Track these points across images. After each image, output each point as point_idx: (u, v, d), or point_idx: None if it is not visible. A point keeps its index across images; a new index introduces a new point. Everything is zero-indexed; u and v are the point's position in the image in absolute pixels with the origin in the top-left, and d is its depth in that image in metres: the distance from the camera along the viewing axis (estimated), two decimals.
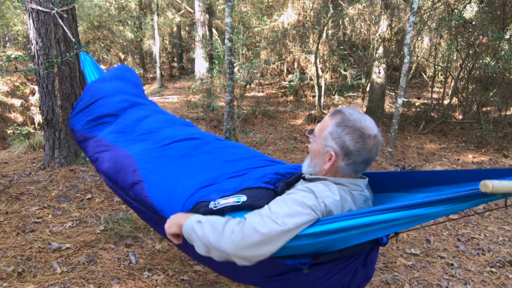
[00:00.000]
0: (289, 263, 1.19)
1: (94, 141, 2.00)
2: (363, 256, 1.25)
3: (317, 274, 1.22)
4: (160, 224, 1.51)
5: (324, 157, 1.22)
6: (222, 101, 7.36)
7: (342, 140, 1.17)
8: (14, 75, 8.64)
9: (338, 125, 1.19)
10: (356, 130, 1.16)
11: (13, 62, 6.85)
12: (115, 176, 1.72)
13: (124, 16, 12.41)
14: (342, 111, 1.22)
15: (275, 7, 8.63)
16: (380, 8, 7.25)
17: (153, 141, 1.86)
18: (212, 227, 1.09)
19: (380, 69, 7.39)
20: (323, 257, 1.18)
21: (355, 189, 1.22)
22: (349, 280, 1.25)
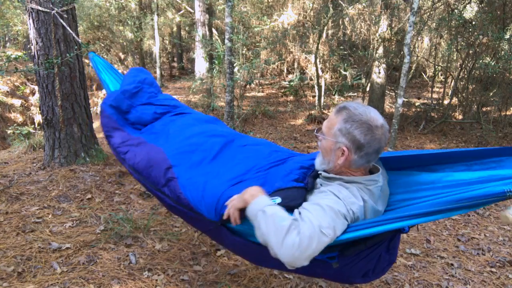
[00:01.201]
0: (317, 258, 1.23)
1: (123, 133, 2.06)
2: (386, 243, 1.31)
3: (343, 262, 1.28)
4: (192, 219, 1.58)
5: (337, 153, 1.27)
6: (222, 101, 7.35)
7: (352, 135, 1.22)
8: (14, 75, 8.64)
9: (346, 121, 1.23)
10: (363, 124, 1.21)
11: (13, 62, 6.85)
12: (148, 171, 1.74)
13: (124, 16, 12.40)
14: (347, 107, 1.26)
15: (275, 7, 8.63)
16: (380, 8, 7.25)
17: (183, 139, 1.90)
18: (275, 229, 1.10)
19: (380, 69, 7.39)
20: (349, 250, 1.25)
21: (370, 184, 1.27)
22: (374, 265, 1.33)
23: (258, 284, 2.16)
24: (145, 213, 2.93)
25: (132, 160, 1.85)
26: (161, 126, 2.11)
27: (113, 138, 2.06)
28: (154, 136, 2.01)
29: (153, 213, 2.90)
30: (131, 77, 2.49)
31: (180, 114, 2.28)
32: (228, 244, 1.53)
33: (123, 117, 2.22)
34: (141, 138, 2.00)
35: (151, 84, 2.51)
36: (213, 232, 1.53)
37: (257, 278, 2.21)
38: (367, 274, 1.36)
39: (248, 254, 1.51)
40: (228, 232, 1.41)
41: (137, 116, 2.24)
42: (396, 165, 1.45)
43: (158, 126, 2.13)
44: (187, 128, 1.99)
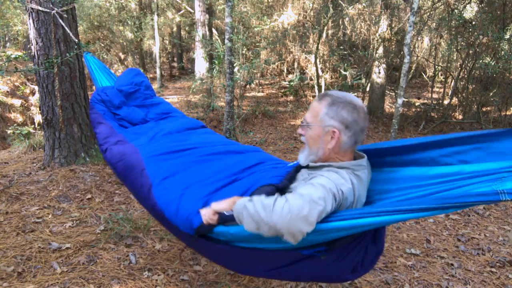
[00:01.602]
0: (305, 253, 1.26)
1: (106, 127, 2.07)
2: (371, 233, 1.32)
3: (330, 258, 1.28)
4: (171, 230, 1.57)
5: (326, 138, 1.29)
6: (222, 101, 7.35)
7: (340, 115, 1.27)
8: (14, 75, 8.64)
9: (332, 104, 1.29)
10: (348, 104, 1.28)
11: (13, 62, 6.85)
12: (125, 173, 1.74)
13: (124, 16, 12.40)
14: (328, 93, 1.33)
15: (275, 7, 8.64)
16: (380, 8, 7.25)
17: (162, 144, 1.91)
18: (263, 205, 1.11)
19: (380, 69, 7.39)
20: (337, 243, 1.25)
21: (358, 169, 1.30)
22: (362, 257, 1.33)
23: (258, 284, 2.16)
24: (145, 213, 2.93)
25: (111, 159, 1.85)
26: (146, 129, 2.13)
27: (97, 134, 2.08)
28: (136, 137, 2.01)
29: None
30: (129, 78, 2.50)
31: (169, 119, 2.30)
32: (210, 254, 1.49)
33: (112, 111, 2.24)
34: (122, 136, 2.00)
35: (148, 87, 2.54)
36: (193, 246, 1.50)
37: (257, 278, 2.21)
38: (356, 269, 1.35)
39: (232, 261, 1.46)
40: (208, 242, 1.37)
41: (128, 112, 2.26)
42: (379, 158, 1.45)
43: (143, 128, 2.15)
44: (170, 136, 2.01)
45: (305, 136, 1.36)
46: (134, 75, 2.54)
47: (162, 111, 2.39)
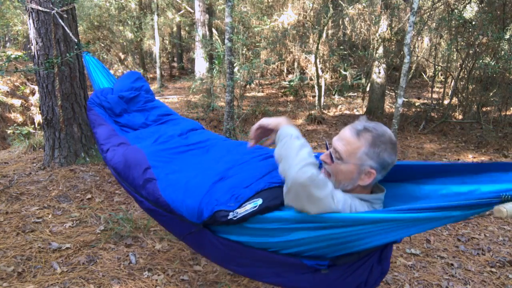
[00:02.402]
0: (307, 263, 1.23)
1: (108, 128, 2.06)
2: (377, 253, 1.29)
3: (333, 275, 1.25)
4: (172, 223, 1.53)
5: (361, 175, 1.23)
6: (222, 101, 7.35)
7: (381, 157, 1.21)
8: (14, 75, 8.64)
9: (373, 144, 1.21)
10: (389, 143, 1.22)
11: (13, 62, 6.85)
12: (126, 172, 1.72)
13: (124, 16, 12.40)
14: (369, 129, 1.24)
15: (275, 7, 8.64)
16: (380, 8, 7.25)
17: (165, 145, 1.91)
18: (302, 153, 1.13)
19: (380, 69, 7.39)
20: (341, 260, 1.21)
21: (376, 202, 1.28)
22: (366, 277, 1.29)
23: (258, 284, 2.16)
24: (145, 213, 2.93)
25: (112, 159, 1.83)
26: (149, 133, 2.12)
27: (97, 134, 2.06)
28: (138, 140, 2.00)
29: None
30: (129, 82, 2.47)
31: (169, 122, 2.30)
32: (209, 250, 1.45)
33: (113, 119, 2.23)
34: (125, 139, 1.99)
35: (148, 91, 2.53)
36: (194, 236, 1.46)
37: None
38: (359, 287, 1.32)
39: (231, 260, 1.41)
40: (211, 234, 1.36)
41: (128, 119, 2.26)
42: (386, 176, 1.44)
43: (145, 133, 2.14)
44: (173, 138, 2.01)
45: (332, 167, 1.26)
46: (135, 80, 2.52)
47: (163, 113, 2.39)
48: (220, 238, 1.35)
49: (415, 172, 1.36)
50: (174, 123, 2.31)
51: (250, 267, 1.38)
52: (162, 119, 2.34)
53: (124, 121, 2.25)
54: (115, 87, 2.47)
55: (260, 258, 1.31)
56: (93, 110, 2.20)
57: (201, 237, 1.42)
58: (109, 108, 2.24)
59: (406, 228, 1.10)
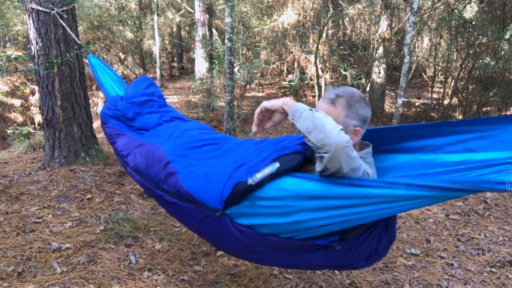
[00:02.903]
0: (319, 243, 1.30)
1: (125, 137, 2.08)
2: (383, 222, 1.37)
3: (344, 248, 1.33)
4: (192, 214, 1.55)
5: (350, 136, 1.31)
6: (222, 101, 7.35)
7: (360, 114, 1.34)
8: (14, 75, 8.64)
9: (349, 105, 1.33)
10: (362, 101, 1.35)
11: (13, 62, 6.86)
12: (148, 170, 1.75)
13: (124, 16, 12.40)
14: (339, 94, 1.35)
15: (275, 7, 8.63)
16: (380, 8, 7.25)
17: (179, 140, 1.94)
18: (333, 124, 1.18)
19: (380, 69, 7.39)
20: (350, 233, 1.29)
21: (368, 156, 1.39)
22: (376, 245, 1.38)
23: (258, 284, 2.16)
24: (145, 213, 2.93)
25: (133, 161, 1.87)
26: (162, 130, 2.15)
27: (116, 144, 2.09)
28: (154, 138, 2.04)
29: (153, 213, 2.91)
30: (142, 88, 2.45)
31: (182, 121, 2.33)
32: (225, 239, 1.48)
33: (126, 124, 2.23)
34: (141, 141, 2.03)
35: (161, 96, 2.53)
36: (212, 224, 1.48)
37: (257, 278, 2.21)
38: (370, 256, 1.39)
39: (249, 250, 1.46)
40: (229, 221, 1.40)
41: (142, 122, 2.27)
42: (380, 143, 1.52)
43: (159, 130, 2.16)
44: (186, 132, 2.04)
45: None
46: (147, 86, 2.50)
47: (176, 116, 2.40)
48: (237, 225, 1.38)
49: (409, 137, 1.46)
50: (186, 123, 2.34)
51: (265, 254, 1.42)
52: (175, 121, 2.36)
53: (139, 124, 2.25)
54: (126, 94, 2.45)
55: (274, 245, 1.35)
56: (108, 123, 2.19)
57: (219, 224, 1.44)
58: (121, 115, 2.23)
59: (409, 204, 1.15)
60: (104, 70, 2.79)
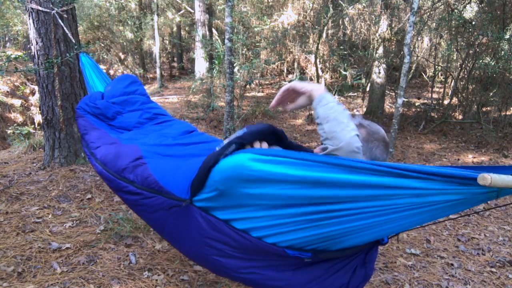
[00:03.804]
0: (290, 253, 1.19)
1: (100, 132, 2.04)
2: (362, 255, 1.27)
3: (314, 273, 1.22)
4: (156, 207, 1.48)
5: None
6: (222, 101, 7.35)
7: (373, 153, 1.29)
8: (14, 75, 8.64)
9: (366, 140, 1.29)
10: (382, 142, 1.30)
11: (13, 62, 6.86)
12: (115, 162, 1.69)
13: (124, 16, 12.40)
14: (363, 125, 1.31)
15: (275, 7, 8.64)
16: (380, 8, 7.25)
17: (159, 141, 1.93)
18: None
19: (380, 69, 7.39)
20: (323, 254, 1.19)
21: None
22: (348, 279, 1.25)
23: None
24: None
25: (101, 153, 1.81)
26: (142, 134, 2.11)
27: (88, 135, 2.03)
28: (131, 141, 1.99)
29: None
30: (122, 87, 2.41)
31: (163, 123, 2.28)
32: (191, 235, 1.36)
33: (106, 123, 2.20)
34: (117, 140, 1.97)
35: (143, 94, 2.48)
36: (178, 218, 1.39)
37: None
38: None
39: (211, 246, 1.30)
40: (196, 211, 1.30)
41: (122, 121, 2.23)
42: None
43: (138, 133, 2.12)
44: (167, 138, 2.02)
45: None
46: (128, 84, 2.45)
47: (158, 112, 2.36)
48: (205, 214, 1.28)
49: None
50: (168, 124, 2.28)
51: (229, 258, 1.28)
52: (157, 117, 2.30)
53: (118, 124, 2.22)
54: (106, 92, 2.42)
55: (243, 244, 1.23)
56: (84, 117, 2.16)
57: (186, 216, 1.35)
58: (99, 113, 2.20)
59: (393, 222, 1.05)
60: (91, 67, 2.82)
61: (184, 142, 1.94)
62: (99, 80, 2.79)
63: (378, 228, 1.10)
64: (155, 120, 2.30)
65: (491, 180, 0.83)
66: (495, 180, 0.83)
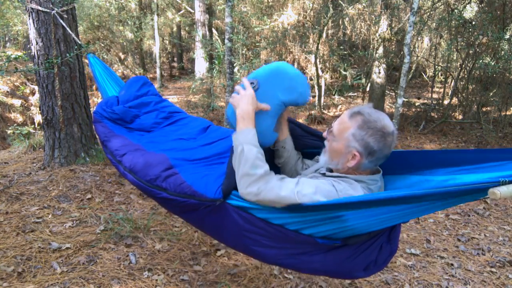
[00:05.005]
0: (320, 242, 1.28)
1: (122, 138, 2.04)
2: (387, 233, 1.35)
3: (344, 254, 1.31)
4: (191, 208, 1.54)
5: (347, 156, 1.29)
6: (222, 101, 7.35)
7: (365, 141, 1.25)
8: (14, 75, 8.64)
9: (361, 127, 1.26)
10: (378, 131, 1.25)
11: (13, 62, 6.86)
12: (145, 171, 1.72)
13: (124, 16, 12.40)
14: (362, 112, 1.28)
15: (275, 7, 8.63)
16: (380, 8, 7.24)
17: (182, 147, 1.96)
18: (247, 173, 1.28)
19: (380, 69, 7.39)
20: (352, 240, 1.28)
21: (372, 183, 1.32)
22: (376, 256, 1.35)
23: (258, 284, 2.16)
24: (145, 213, 2.93)
25: (129, 161, 1.83)
26: (162, 137, 2.13)
27: (110, 142, 2.05)
28: (153, 145, 2.01)
29: (153, 213, 2.90)
30: (134, 91, 2.45)
31: (179, 121, 2.31)
32: (228, 229, 1.45)
33: (124, 126, 2.22)
34: (140, 146, 1.99)
35: (155, 94, 2.52)
36: (213, 216, 1.47)
37: (257, 278, 2.21)
38: (369, 267, 1.36)
39: (248, 238, 1.40)
40: (231, 208, 1.38)
41: (140, 123, 2.26)
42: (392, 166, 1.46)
43: (158, 136, 2.14)
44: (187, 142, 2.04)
45: (328, 143, 1.36)
46: (140, 87, 2.49)
47: (173, 111, 2.40)
48: (239, 210, 1.37)
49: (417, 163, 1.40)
50: (184, 123, 2.31)
51: (264, 248, 1.38)
52: (173, 116, 2.34)
53: (136, 126, 2.25)
54: (120, 97, 2.45)
55: (277, 236, 1.33)
56: (102, 123, 2.18)
57: (221, 213, 1.44)
58: (118, 119, 2.23)
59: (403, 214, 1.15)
60: (103, 70, 2.81)
61: (205, 143, 1.96)
62: (110, 81, 2.78)
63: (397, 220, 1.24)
64: (170, 119, 2.33)
65: (501, 195, 0.89)
66: (505, 193, 0.89)
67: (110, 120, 2.21)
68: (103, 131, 2.13)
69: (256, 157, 1.28)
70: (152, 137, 2.14)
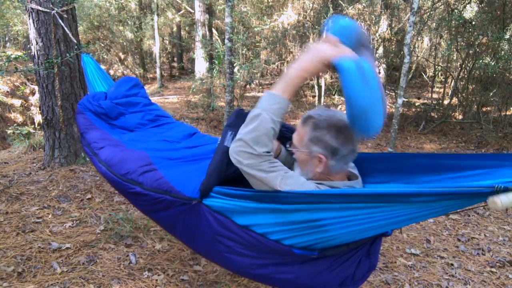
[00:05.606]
0: (296, 252, 1.21)
1: (101, 132, 2.01)
2: (366, 247, 1.29)
3: (321, 266, 1.25)
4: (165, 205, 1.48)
5: (314, 162, 1.26)
6: (222, 101, 7.35)
7: (324, 142, 1.22)
8: (14, 75, 8.64)
9: (314, 129, 1.24)
10: (331, 128, 1.22)
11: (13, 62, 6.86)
12: (121, 165, 1.66)
13: (124, 16, 12.40)
14: (312, 115, 1.27)
15: (275, 7, 8.63)
16: (380, 8, 7.25)
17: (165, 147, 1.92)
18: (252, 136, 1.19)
19: (380, 69, 7.39)
20: (330, 251, 1.21)
21: None
22: (353, 270, 1.29)
23: (258, 284, 2.16)
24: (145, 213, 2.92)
25: (106, 155, 1.78)
26: (144, 136, 2.10)
27: (88, 134, 2.00)
28: (134, 143, 1.96)
29: None
30: (124, 90, 2.42)
31: (164, 125, 2.29)
32: (202, 232, 1.38)
33: (107, 122, 2.19)
34: (120, 142, 1.95)
35: (144, 97, 2.50)
36: (188, 216, 1.41)
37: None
38: (345, 282, 1.30)
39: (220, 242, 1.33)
40: (205, 209, 1.32)
41: (124, 121, 2.23)
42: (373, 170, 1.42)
43: (140, 136, 2.11)
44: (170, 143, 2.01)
45: (295, 156, 1.33)
46: (130, 87, 2.46)
47: (161, 114, 2.38)
48: (215, 213, 1.31)
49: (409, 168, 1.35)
50: (170, 127, 2.28)
51: (238, 255, 1.31)
52: (159, 119, 2.31)
53: (120, 123, 2.22)
54: (109, 93, 2.43)
55: (249, 241, 1.26)
56: (84, 114, 2.14)
57: (196, 214, 1.37)
58: (103, 113, 2.20)
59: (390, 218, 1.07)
60: (95, 69, 2.83)
61: (189, 146, 1.94)
62: (100, 80, 2.80)
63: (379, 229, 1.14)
64: (156, 122, 2.31)
65: (502, 205, 0.87)
66: (505, 203, 0.87)
67: (93, 113, 2.18)
68: (84, 123, 2.09)
69: (266, 133, 1.17)
70: (134, 136, 2.09)
